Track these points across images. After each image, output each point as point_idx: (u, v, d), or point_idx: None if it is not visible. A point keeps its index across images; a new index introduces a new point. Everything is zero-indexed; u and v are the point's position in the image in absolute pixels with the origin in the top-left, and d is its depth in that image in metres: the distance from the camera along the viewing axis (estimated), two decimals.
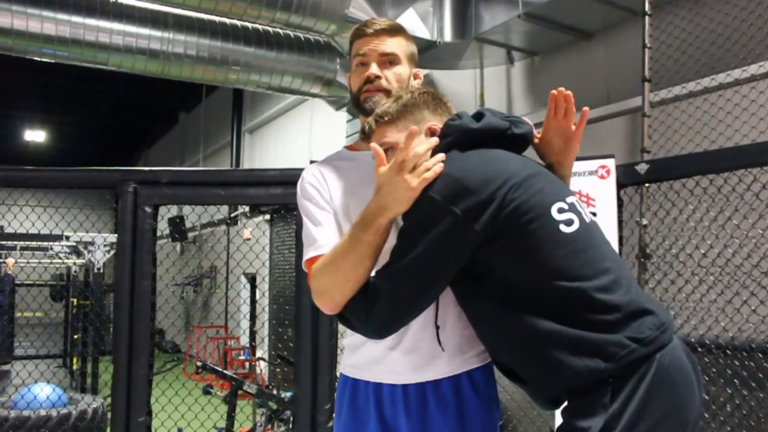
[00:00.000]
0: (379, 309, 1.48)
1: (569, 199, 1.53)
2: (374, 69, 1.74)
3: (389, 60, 1.76)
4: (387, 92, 1.72)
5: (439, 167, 1.45)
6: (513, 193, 1.42)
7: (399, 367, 1.64)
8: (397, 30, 1.79)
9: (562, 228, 1.46)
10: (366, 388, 1.70)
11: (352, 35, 1.81)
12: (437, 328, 1.62)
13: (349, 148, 1.88)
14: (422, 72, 1.88)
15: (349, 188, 1.70)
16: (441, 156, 1.48)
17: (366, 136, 1.66)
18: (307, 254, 1.64)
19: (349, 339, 1.77)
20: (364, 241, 1.48)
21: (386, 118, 1.59)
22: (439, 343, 1.62)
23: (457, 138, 1.54)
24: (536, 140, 1.69)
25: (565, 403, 1.49)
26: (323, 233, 1.64)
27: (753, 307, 3.16)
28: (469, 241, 1.42)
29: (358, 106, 1.79)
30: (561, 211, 1.47)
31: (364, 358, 1.70)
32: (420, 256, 1.43)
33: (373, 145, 1.52)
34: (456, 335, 1.64)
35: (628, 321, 1.41)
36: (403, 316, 1.51)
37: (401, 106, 1.59)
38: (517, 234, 1.42)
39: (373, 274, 1.52)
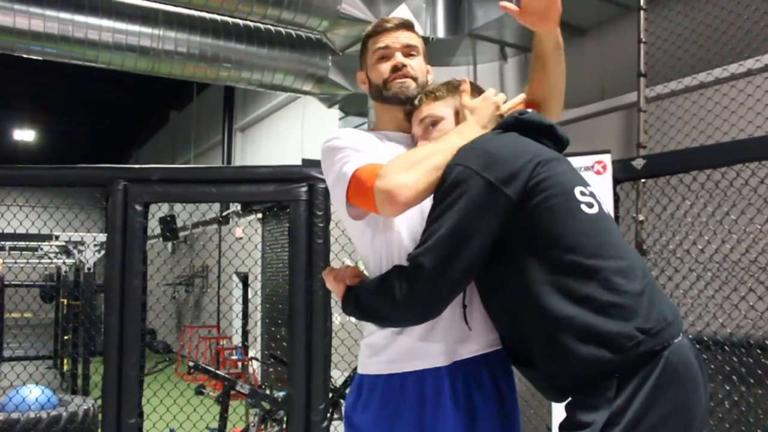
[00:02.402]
0: (422, 285, 1.47)
1: (588, 189, 1.57)
2: (400, 58, 1.80)
3: (410, 51, 1.83)
4: (414, 79, 1.79)
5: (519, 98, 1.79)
6: (540, 167, 1.49)
7: (435, 351, 1.64)
8: (412, 26, 1.88)
9: (584, 208, 1.49)
10: (403, 380, 1.67)
11: (369, 33, 1.87)
12: (464, 307, 1.64)
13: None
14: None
15: (381, 152, 1.72)
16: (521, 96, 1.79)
17: (414, 107, 1.77)
18: (358, 163, 1.60)
19: (371, 338, 1.74)
20: (455, 146, 1.56)
21: (437, 94, 1.75)
22: (466, 321, 1.64)
23: (503, 123, 1.66)
24: (519, 14, 1.73)
25: (569, 399, 1.48)
26: (372, 151, 1.67)
27: (751, 303, 3.14)
28: (500, 205, 1.45)
29: (381, 95, 1.82)
30: (582, 194, 1.52)
31: (396, 352, 1.67)
32: (455, 223, 1.45)
33: (464, 87, 1.72)
34: (483, 314, 1.67)
35: (638, 309, 1.40)
36: (447, 289, 1.50)
37: (451, 87, 1.76)
38: (540, 205, 1.46)
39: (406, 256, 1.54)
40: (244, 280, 11.35)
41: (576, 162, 3.26)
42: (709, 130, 3.78)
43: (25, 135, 18.17)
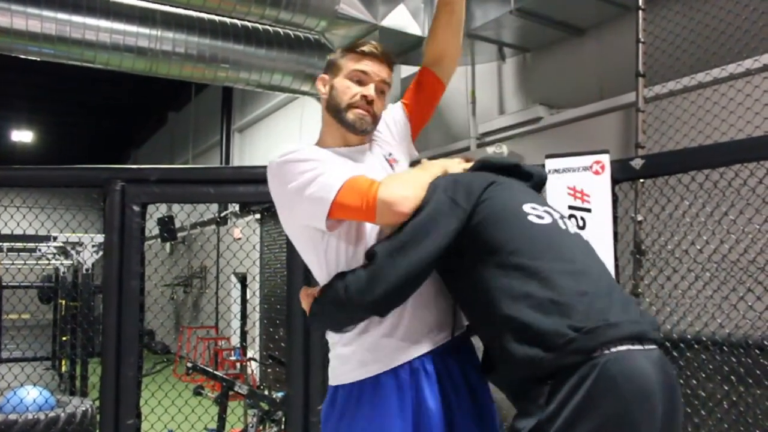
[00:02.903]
0: (376, 267, 1.56)
1: (547, 209, 1.64)
2: (372, 92, 1.82)
3: (383, 89, 1.86)
4: (374, 117, 1.84)
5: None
6: (493, 187, 1.64)
7: (402, 346, 1.68)
8: (393, 64, 1.92)
9: (531, 218, 1.57)
10: (376, 380, 1.68)
11: (355, 50, 1.86)
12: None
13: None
14: None
15: (340, 167, 1.74)
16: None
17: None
18: (341, 175, 1.64)
19: (337, 350, 1.76)
20: (434, 172, 1.71)
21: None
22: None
23: (476, 166, 1.80)
24: None
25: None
26: (335, 166, 1.69)
27: (749, 303, 3.14)
28: (457, 214, 1.58)
29: (339, 114, 1.84)
30: (534, 209, 1.61)
31: (364, 355, 1.69)
32: (416, 222, 1.58)
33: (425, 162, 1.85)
34: (446, 304, 1.77)
35: (577, 306, 1.40)
36: (401, 274, 1.55)
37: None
38: (489, 216, 1.57)
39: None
40: (243, 280, 11.34)
41: (574, 162, 3.27)
42: (708, 130, 3.78)
43: (23, 136, 18.15)
